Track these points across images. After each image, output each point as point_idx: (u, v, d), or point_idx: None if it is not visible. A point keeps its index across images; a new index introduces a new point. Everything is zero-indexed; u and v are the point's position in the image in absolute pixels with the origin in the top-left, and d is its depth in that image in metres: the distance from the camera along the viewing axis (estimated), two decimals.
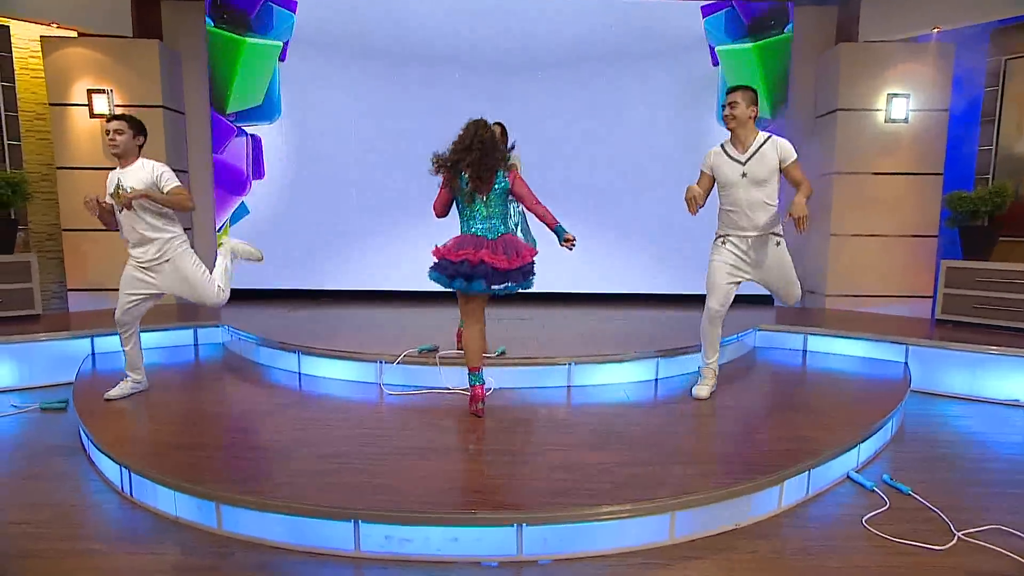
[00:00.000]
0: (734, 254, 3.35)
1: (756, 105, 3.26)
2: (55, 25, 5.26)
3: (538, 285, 3.19)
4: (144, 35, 5.56)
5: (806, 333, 4.66)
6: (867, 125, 5.47)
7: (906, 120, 5.41)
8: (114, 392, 3.49)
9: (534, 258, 3.14)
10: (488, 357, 3.69)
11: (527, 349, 3.94)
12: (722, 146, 3.35)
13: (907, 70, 5.40)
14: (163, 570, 2.15)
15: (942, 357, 4.20)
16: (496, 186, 3.05)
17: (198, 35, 5.78)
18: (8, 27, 5.11)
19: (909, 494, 2.69)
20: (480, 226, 3.07)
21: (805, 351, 4.64)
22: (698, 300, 5.83)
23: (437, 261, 3.09)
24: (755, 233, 3.30)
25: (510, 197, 3.15)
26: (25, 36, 5.36)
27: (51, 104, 5.40)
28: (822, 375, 3.76)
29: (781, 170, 3.27)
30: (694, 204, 3.23)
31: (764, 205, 3.26)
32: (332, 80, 5.82)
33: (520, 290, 3.09)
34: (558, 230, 3.09)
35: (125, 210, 3.27)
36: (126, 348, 3.53)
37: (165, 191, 3.27)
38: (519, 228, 4.13)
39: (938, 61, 5.37)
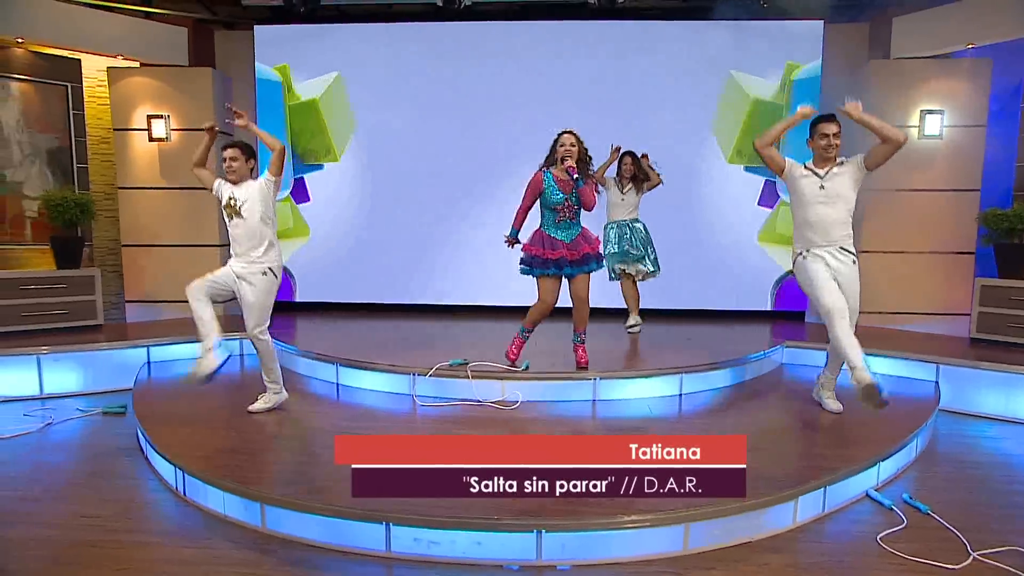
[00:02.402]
0: (821, 259, 3.36)
1: None
2: (121, 57, 5.69)
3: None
4: (199, 63, 5.95)
5: None
6: None
7: (940, 136, 5.36)
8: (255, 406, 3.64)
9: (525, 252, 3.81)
10: (514, 371, 3.85)
11: (553, 364, 4.07)
12: (806, 165, 3.41)
13: (941, 86, 5.36)
14: (213, 563, 2.36)
15: (975, 377, 4.15)
16: None
17: (248, 61, 6.14)
18: (79, 60, 5.57)
19: (928, 513, 2.71)
20: None
21: None
22: (721, 316, 5.91)
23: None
24: (832, 246, 3.35)
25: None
26: (92, 67, 5.81)
27: (115, 129, 5.82)
28: (849, 392, 3.75)
29: (867, 166, 3.30)
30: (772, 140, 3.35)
31: (840, 223, 3.34)
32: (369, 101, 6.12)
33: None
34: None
35: (237, 219, 3.46)
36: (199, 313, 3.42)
37: (270, 177, 3.47)
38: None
39: (973, 76, 5.31)
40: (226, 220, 3.54)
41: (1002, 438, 3.73)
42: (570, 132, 3.71)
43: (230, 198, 3.49)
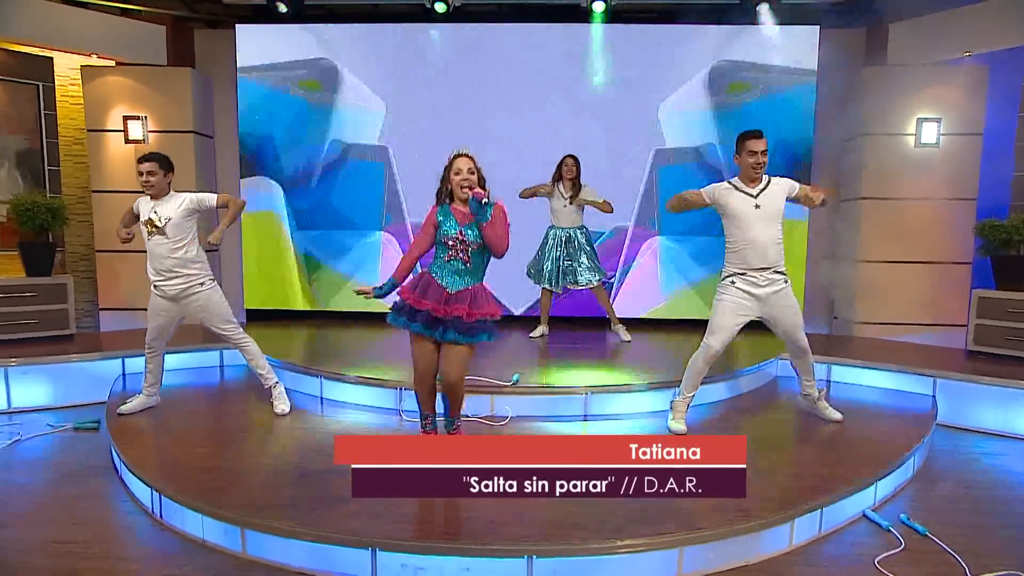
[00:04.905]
0: (743, 291, 3.33)
1: None
2: (96, 56, 5.49)
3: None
4: (178, 63, 5.77)
5: (830, 363, 4.59)
6: (896, 149, 5.39)
7: (937, 144, 5.31)
8: (127, 407, 3.68)
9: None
10: (504, 385, 3.74)
11: (544, 377, 3.96)
12: (730, 183, 3.39)
13: (938, 94, 5.30)
14: None
15: (973, 390, 4.06)
16: None
17: (228, 61, 5.96)
18: (51, 58, 5.36)
19: (926, 535, 2.64)
20: None
21: (829, 381, 4.56)
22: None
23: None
24: (767, 269, 3.31)
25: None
26: (65, 65, 5.60)
27: (88, 130, 5.61)
28: (845, 407, 3.69)
29: (791, 199, 3.36)
30: (683, 204, 3.40)
31: (775, 243, 3.31)
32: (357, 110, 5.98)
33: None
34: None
35: (158, 237, 3.46)
36: (150, 366, 3.73)
37: (214, 204, 3.51)
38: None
39: (971, 84, 5.25)
40: (144, 237, 3.50)
41: (1001, 454, 3.67)
42: (466, 155, 2.88)
43: (151, 215, 3.43)
